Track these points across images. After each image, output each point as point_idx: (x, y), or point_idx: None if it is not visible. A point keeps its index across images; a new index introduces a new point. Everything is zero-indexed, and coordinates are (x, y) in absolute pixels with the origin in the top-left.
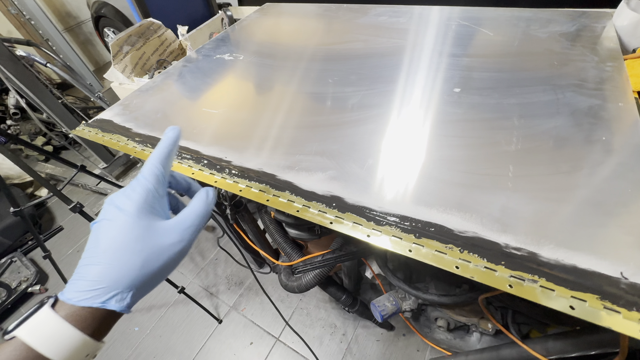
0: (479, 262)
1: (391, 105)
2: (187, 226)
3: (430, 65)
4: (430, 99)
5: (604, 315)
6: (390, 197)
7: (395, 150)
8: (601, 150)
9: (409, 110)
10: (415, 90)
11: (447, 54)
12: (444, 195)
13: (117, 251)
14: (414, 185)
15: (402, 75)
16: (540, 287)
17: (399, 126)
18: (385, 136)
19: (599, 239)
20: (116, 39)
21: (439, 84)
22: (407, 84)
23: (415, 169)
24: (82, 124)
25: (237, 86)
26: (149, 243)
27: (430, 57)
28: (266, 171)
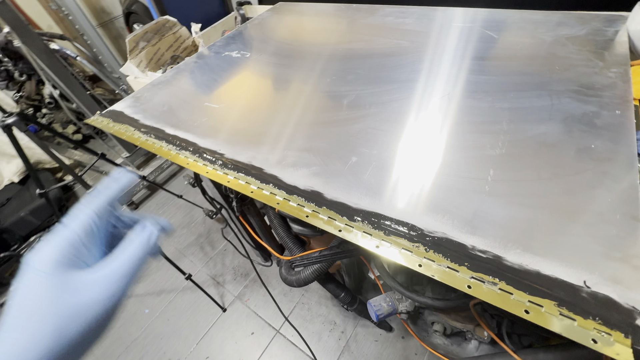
0: (443, 261)
1: (384, 107)
2: (119, 276)
3: (429, 68)
4: (422, 101)
5: (558, 321)
6: (367, 196)
7: (379, 151)
8: (587, 159)
9: (399, 112)
10: (409, 92)
11: (447, 56)
12: (419, 196)
13: (24, 320)
14: (392, 185)
15: (399, 76)
16: (499, 289)
17: (387, 127)
18: (372, 136)
19: (569, 247)
20: (132, 35)
21: (433, 85)
22: (402, 85)
23: (395, 169)
24: (97, 114)
25: (239, 83)
26: (64, 304)
27: (430, 59)
28: (255, 164)
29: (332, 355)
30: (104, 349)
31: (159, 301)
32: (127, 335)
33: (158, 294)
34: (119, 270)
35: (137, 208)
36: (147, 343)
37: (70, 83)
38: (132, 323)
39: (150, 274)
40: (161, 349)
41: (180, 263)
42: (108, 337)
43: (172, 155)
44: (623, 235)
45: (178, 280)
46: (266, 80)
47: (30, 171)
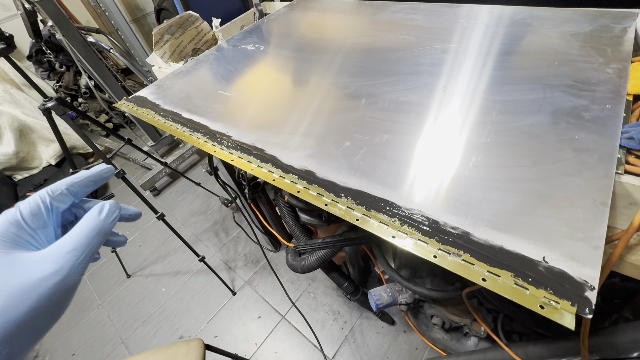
0: (415, 235)
1: (381, 97)
2: (66, 251)
3: (430, 62)
4: (417, 93)
5: (512, 289)
6: (354, 175)
7: (371, 137)
8: (568, 149)
9: (395, 102)
10: (406, 85)
11: (448, 50)
12: (400, 176)
13: None
14: (378, 166)
15: (400, 69)
16: (462, 260)
17: (382, 115)
18: (367, 124)
19: (535, 227)
20: (158, 28)
21: (430, 79)
22: (402, 78)
23: (384, 153)
24: (124, 99)
25: (251, 73)
26: (8, 283)
27: (432, 54)
28: (257, 146)
29: (334, 344)
30: (124, 321)
31: (174, 281)
32: (145, 310)
33: (174, 274)
34: (67, 245)
35: (159, 194)
36: (162, 319)
37: (104, 74)
38: (150, 300)
39: (167, 256)
40: (174, 325)
41: (196, 247)
42: (127, 310)
43: (186, 136)
44: (589, 219)
45: (193, 263)
46: (275, 72)
47: (66, 153)
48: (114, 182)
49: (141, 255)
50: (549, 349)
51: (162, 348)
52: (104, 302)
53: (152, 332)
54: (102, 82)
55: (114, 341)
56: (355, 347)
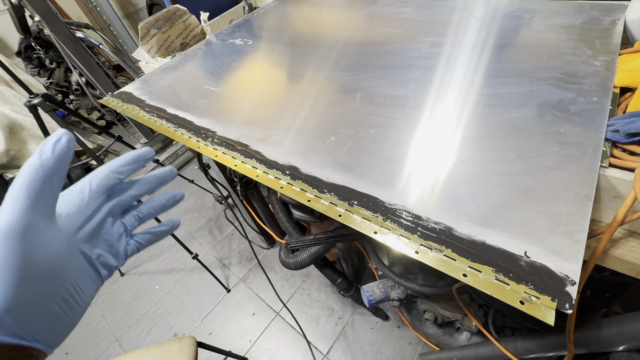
0: (397, 230)
1: (368, 91)
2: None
3: (419, 55)
4: (405, 87)
5: (493, 284)
6: (338, 171)
7: (354, 130)
8: (553, 142)
9: (384, 96)
10: (394, 78)
11: (437, 44)
12: (384, 171)
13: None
14: (363, 162)
15: (387, 63)
16: (444, 256)
17: (369, 109)
18: (354, 118)
19: (517, 221)
20: (144, 22)
21: (418, 73)
22: (389, 72)
23: (369, 148)
24: (109, 95)
25: (238, 68)
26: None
27: (421, 47)
28: (242, 141)
29: (328, 340)
30: (118, 319)
31: (168, 279)
32: (139, 308)
33: (168, 272)
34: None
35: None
36: (156, 317)
37: (95, 71)
38: (144, 298)
39: (161, 254)
40: (168, 323)
41: (190, 245)
42: (121, 308)
43: (170, 132)
44: (572, 212)
45: (187, 261)
46: (262, 66)
47: None
48: None
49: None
50: (537, 343)
51: (154, 346)
52: (98, 301)
53: (145, 330)
54: (93, 78)
55: (107, 339)
56: (350, 343)
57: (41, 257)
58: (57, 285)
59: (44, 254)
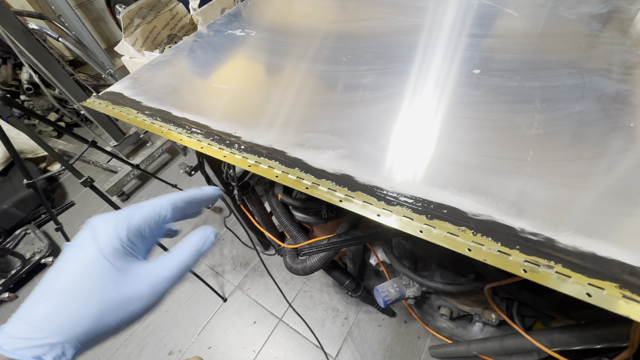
0: (493, 245)
1: (405, 85)
2: (163, 277)
3: (449, 45)
4: (447, 80)
5: (623, 303)
6: (402, 178)
7: (409, 131)
8: (627, 138)
9: (424, 91)
10: (431, 71)
11: (467, 34)
12: (458, 178)
13: (73, 293)
14: (427, 167)
15: (418, 54)
16: (556, 273)
17: (413, 106)
18: (399, 116)
19: (619, 227)
20: (127, 11)
21: (457, 64)
22: (423, 63)
23: (428, 150)
24: (93, 96)
25: (248, 63)
26: (114, 292)
27: (449, 37)
28: (276, 148)
29: (336, 342)
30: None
31: None
32: None
33: None
34: (166, 270)
35: (128, 198)
36: (146, 335)
37: (52, 67)
38: None
39: None
40: (161, 340)
41: None
42: None
43: (183, 139)
44: None
45: None
46: (275, 60)
47: (17, 160)
48: (74, 189)
49: None
50: (578, 336)
51: None
52: None
53: (136, 351)
54: (51, 75)
55: None
56: (358, 343)
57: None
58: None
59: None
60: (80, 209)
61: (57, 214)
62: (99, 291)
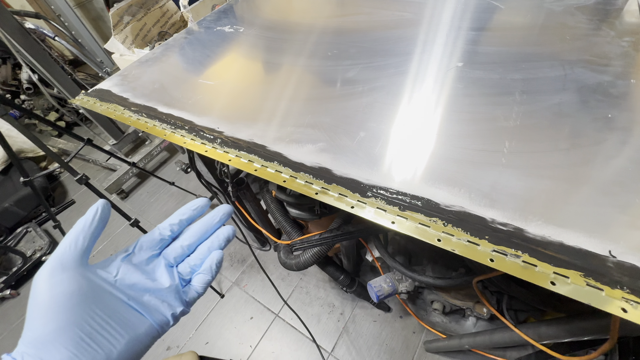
0: (462, 235)
1: (388, 79)
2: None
3: (433, 39)
4: (430, 73)
5: (586, 291)
6: (379, 171)
7: (388, 124)
8: (605, 128)
9: (406, 85)
10: (414, 64)
11: (452, 27)
12: (434, 170)
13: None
14: (404, 160)
15: (402, 48)
16: (522, 262)
17: (394, 100)
18: (379, 110)
19: (591, 217)
20: (116, 9)
21: (440, 58)
22: (406, 57)
23: (406, 143)
24: (82, 93)
25: (235, 58)
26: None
27: (434, 31)
28: (257, 142)
29: (331, 337)
30: None
31: None
32: None
33: None
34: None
35: (127, 197)
36: None
37: (50, 66)
38: None
39: None
40: None
41: None
42: None
43: (167, 134)
44: None
45: None
46: (262, 56)
47: (13, 158)
48: (74, 187)
49: None
50: (564, 329)
51: None
52: None
53: None
54: (49, 75)
55: None
56: (354, 338)
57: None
58: (75, 319)
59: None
60: (80, 207)
61: (57, 212)
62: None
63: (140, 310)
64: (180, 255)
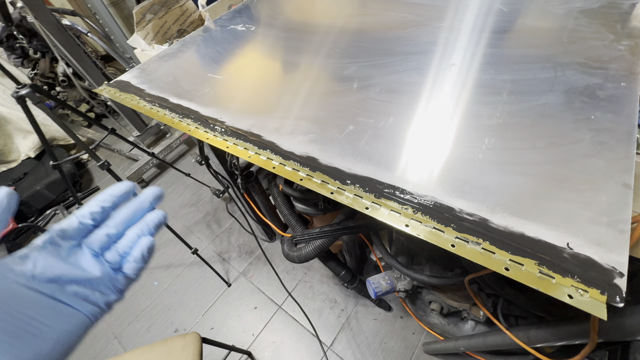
0: (429, 223)
1: (383, 78)
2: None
3: (433, 40)
4: (423, 73)
5: (537, 278)
6: (361, 162)
7: (376, 120)
8: (585, 129)
9: (398, 83)
10: (409, 64)
11: (452, 28)
12: (411, 162)
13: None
14: (387, 152)
15: (401, 48)
16: (482, 249)
17: (386, 97)
18: (370, 106)
19: (556, 211)
20: (139, 7)
21: (436, 58)
22: (404, 57)
23: (392, 137)
24: (105, 84)
25: (242, 55)
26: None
27: (434, 32)
28: (254, 132)
29: (331, 331)
30: (116, 316)
31: (167, 274)
32: (137, 304)
33: (166, 267)
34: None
35: (147, 186)
36: (155, 313)
37: (83, 60)
38: (142, 294)
39: (159, 249)
40: (169, 318)
41: (188, 239)
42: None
43: (174, 122)
44: (612, 202)
45: (185, 256)
46: (269, 53)
47: (45, 144)
48: (98, 174)
49: None
50: (552, 332)
51: (157, 343)
52: None
53: (145, 327)
54: (81, 68)
55: (106, 337)
56: (353, 334)
57: None
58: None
59: None
60: None
61: (83, 197)
62: None
63: (69, 303)
64: (106, 243)
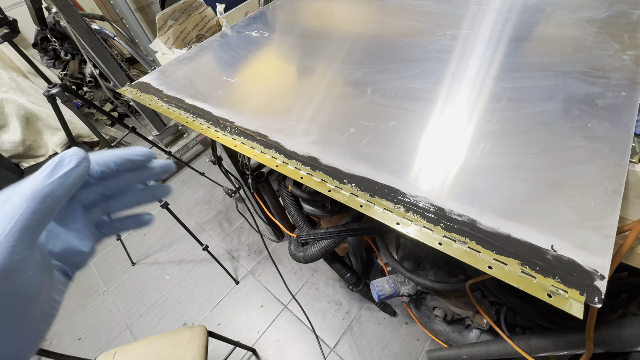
0: (419, 222)
1: (387, 84)
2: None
3: (437, 48)
4: (425, 79)
5: (519, 277)
6: (359, 163)
7: (377, 122)
8: (580, 136)
9: (401, 89)
10: (413, 71)
11: (460, 36)
12: (405, 163)
13: None
14: (385, 155)
15: (407, 55)
16: (468, 248)
17: (387, 102)
18: (372, 109)
19: (544, 215)
20: (162, 13)
21: (437, 66)
22: (409, 64)
23: (390, 140)
24: (127, 84)
25: (255, 60)
26: None
27: (441, 40)
28: (261, 132)
29: (335, 334)
30: (129, 307)
31: (178, 269)
32: (149, 297)
33: (178, 263)
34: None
35: (163, 183)
36: (166, 306)
37: (109, 63)
38: (154, 287)
39: (171, 245)
40: (178, 312)
41: (200, 237)
42: (132, 297)
43: (189, 122)
44: (600, 207)
45: (197, 252)
46: (280, 58)
47: (71, 140)
48: None
49: (146, 244)
50: (553, 342)
51: (166, 334)
52: (110, 289)
53: (156, 319)
54: (107, 70)
55: (119, 326)
56: (357, 338)
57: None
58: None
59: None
60: None
61: None
62: None
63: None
64: (99, 201)
